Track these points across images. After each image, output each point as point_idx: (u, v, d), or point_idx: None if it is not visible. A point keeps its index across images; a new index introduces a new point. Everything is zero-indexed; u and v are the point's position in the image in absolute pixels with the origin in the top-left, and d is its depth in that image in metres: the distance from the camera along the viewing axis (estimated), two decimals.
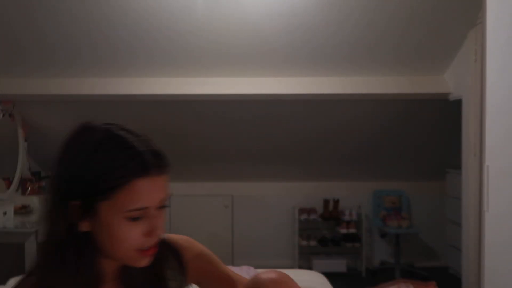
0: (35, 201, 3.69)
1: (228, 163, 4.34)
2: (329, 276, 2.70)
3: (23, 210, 3.54)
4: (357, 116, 3.86)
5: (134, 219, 0.77)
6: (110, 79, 3.46)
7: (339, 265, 4.40)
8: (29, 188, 3.79)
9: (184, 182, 4.56)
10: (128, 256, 0.80)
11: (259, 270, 1.68)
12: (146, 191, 0.77)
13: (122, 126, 0.84)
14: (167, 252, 0.92)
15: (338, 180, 4.60)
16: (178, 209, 4.57)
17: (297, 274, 2.34)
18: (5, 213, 3.25)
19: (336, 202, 4.48)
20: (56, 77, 3.44)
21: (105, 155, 0.77)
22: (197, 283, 1.00)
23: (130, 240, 0.78)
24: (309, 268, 4.13)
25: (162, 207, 0.81)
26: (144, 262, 0.81)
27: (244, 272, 2.35)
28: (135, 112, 3.77)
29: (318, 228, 4.57)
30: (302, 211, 4.44)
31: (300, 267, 4.30)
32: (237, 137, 4.02)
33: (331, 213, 4.46)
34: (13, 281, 2.48)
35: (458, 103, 3.42)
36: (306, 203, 4.53)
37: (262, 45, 3.17)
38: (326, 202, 4.50)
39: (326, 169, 4.49)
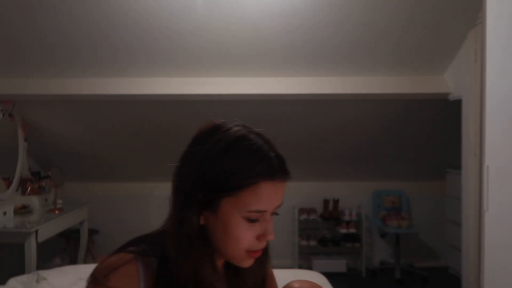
0: (35, 201, 3.69)
1: None
2: (329, 276, 2.70)
3: (23, 210, 3.53)
4: (357, 116, 3.86)
5: (252, 220, 0.81)
6: (110, 79, 3.46)
7: (339, 265, 4.40)
8: (29, 188, 3.78)
9: None
10: (237, 255, 0.83)
11: None
12: (269, 194, 0.81)
13: (251, 128, 0.88)
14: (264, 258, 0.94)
15: (338, 180, 4.60)
16: None
17: (297, 274, 2.35)
18: (5, 213, 3.25)
19: (336, 202, 4.48)
20: (56, 77, 3.44)
21: (237, 155, 0.80)
22: None
23: (243, 240, 0.81)
24: (309, 268, 4.13)
25: (274, 213, 0.84)
26: (248, 263, 0.85)
27: None
28: (135, 112, 3.77)
29: (318, 228, 4.57)
30: (302, 211, 4.44)
31: (300, 267, 4.31)
32: None
33: (331, 213, 4.46)
34: (13, 281, 2.48)
35: (458, 103, 3.42)
36: (306, 203, 4.53)
37: (262, 45, 3.17)
38: (326, 202, 4.50)
39: (326, 169, 4.49)
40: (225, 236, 0.81)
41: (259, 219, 0.81)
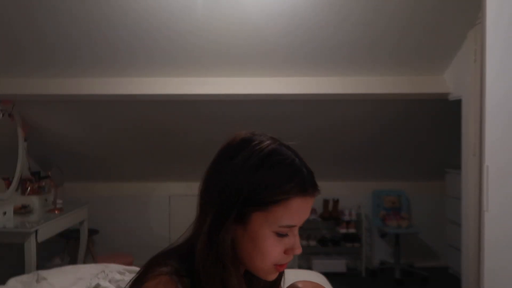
0: (35, 201, 3.68)
1: None
2: (329, 276, 2.70)
3: (22, 210, 3.53)
4: (357, 116, 3.86)
5: (281, 235, 0.81)
6: (110, 79, 3.46)
7: (339, 265, 4.40)
8: (29, 188, 3.78)
9: (184, 182, 4.56)
10: (263, 269, 0.82)
11: None
12: (300, 209, 0.81)
13: (281, 141, 0.88)
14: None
15: (337, 180, 4.60)
16: (178, 209, 4.57)
17: (296, 274, 2.34)
18: (4, 213, 3.25)
19: (336, 202, 4.48)
20: (56, 77, 3.44)
21: (270, 170, 0.80)
22: None
23: (272, 254, 0.80)
24: (309, 268, 4.13)
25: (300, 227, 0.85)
26: (273, 276, 0.84)
27: None
28: (135, 112, 3.77)
29: (318, 228, 4.57)
30: None
31: (300, 267, 4.30)
32: None
33: (331, 213, 4.46)
34: (13, 281, 2.48)
35: (457, 103, 3.42)
36: None
37: (262, 45, 3.17)
38: (325, 202, 4.50)
39: (326, 169, 4.49)
40: (254, 249, 0.80)
41: (288, 234, 0.81)
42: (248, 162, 0.80)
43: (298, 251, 0.83)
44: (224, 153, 0.86)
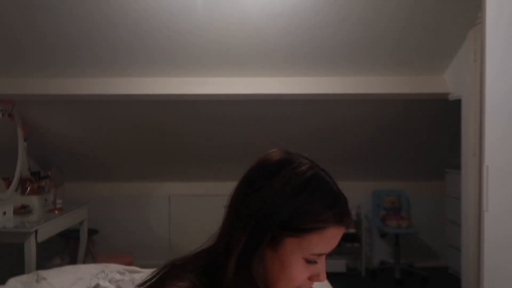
0: (34, 201, 3.68)
1: (228, 163, 4.34)
2: (329, 276, 2.69)
3: (22, 210, 3.53)
4: (357, 116, 3.86)
5: (310, 261, 0.80)
6: (110, 79, 3.46)
7: (339, 265, 4.40)
8: (29, 188, 3.78)
9: (184, 182, 4.56)
10: None
11: None
12: (333, 238, 0.80)
13: (318, 164, 0.86)
14: None
15: (337, 180, 4.52)
16: (177, 209, 4.57)
17: None
18: (4, 213, 3.25)
19: None
20: (56, 77, 3.44)
21: (312, 196, 0.78)
22: None
23: (298, 279, 0.79)
24: None
25: None
26: None
27: None
28: (135, 112, 3.77)
29: None
30: None
31: None
32: (237, 137, 4.02)
33: None
34: (13, 281, 2.48)
35: (457, 103, 3.42)
36: None
37: (262, 45, 3.17)
38: None
39: (326, 169, 4.49)
40: (281, 273, 0.79)
41: (316, 261, 0.81)
42: (288, 186, 0.78)
43: (323, 278, 0.83)
44: (260, 172, 0.82)
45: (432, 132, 4.12)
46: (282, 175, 0.80)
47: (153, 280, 0.81)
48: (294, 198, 0.77)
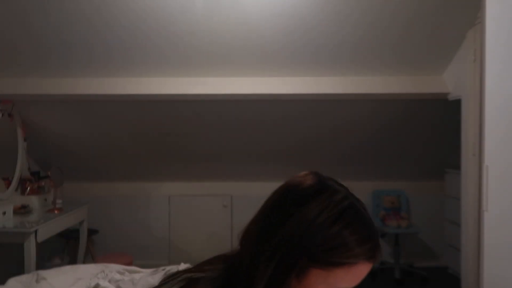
0: (34, 201, 3.68)
1: (228, 163, 4.34)
2: None
3: (22, 210, 3.53)
4: (357, 116, 3.86)
5: None
6: (109, 79, 3.46)
7: None
8: (29, 188, 3.78)
9: (183, 182, 4.56)
10: None
11: None
12: (361, 274, 0.76)
13: (352, 192, 0.81)
14: None
15: (337, 179, 4.59)
16: (177, 209, 4.57)
17: None
18: (4, 213, 3.25)
19: None
20: (53, 77, 3.44)
21: (346, 228, 0.73)
22: None
23: None
24: None
25: None
26: None
27: None
28: (135, 112, 3.77)
29: None
30: None
31: None
32: (236, 137, 4.02)
33: None
34: (13, 281, 2.48)
35: (457, 103, 3.42)
36: None
37: (262, 45, 3.17)
38: None
39: (326, 169, 4.47)
40: None
41: None
42: (322, 215, 0.73)
43: None
44: (290, 197, 0.78)
45: (432, 132, 4.12)
46: (316, 203, 0.75)
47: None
48: (328, 229, 0.73)
